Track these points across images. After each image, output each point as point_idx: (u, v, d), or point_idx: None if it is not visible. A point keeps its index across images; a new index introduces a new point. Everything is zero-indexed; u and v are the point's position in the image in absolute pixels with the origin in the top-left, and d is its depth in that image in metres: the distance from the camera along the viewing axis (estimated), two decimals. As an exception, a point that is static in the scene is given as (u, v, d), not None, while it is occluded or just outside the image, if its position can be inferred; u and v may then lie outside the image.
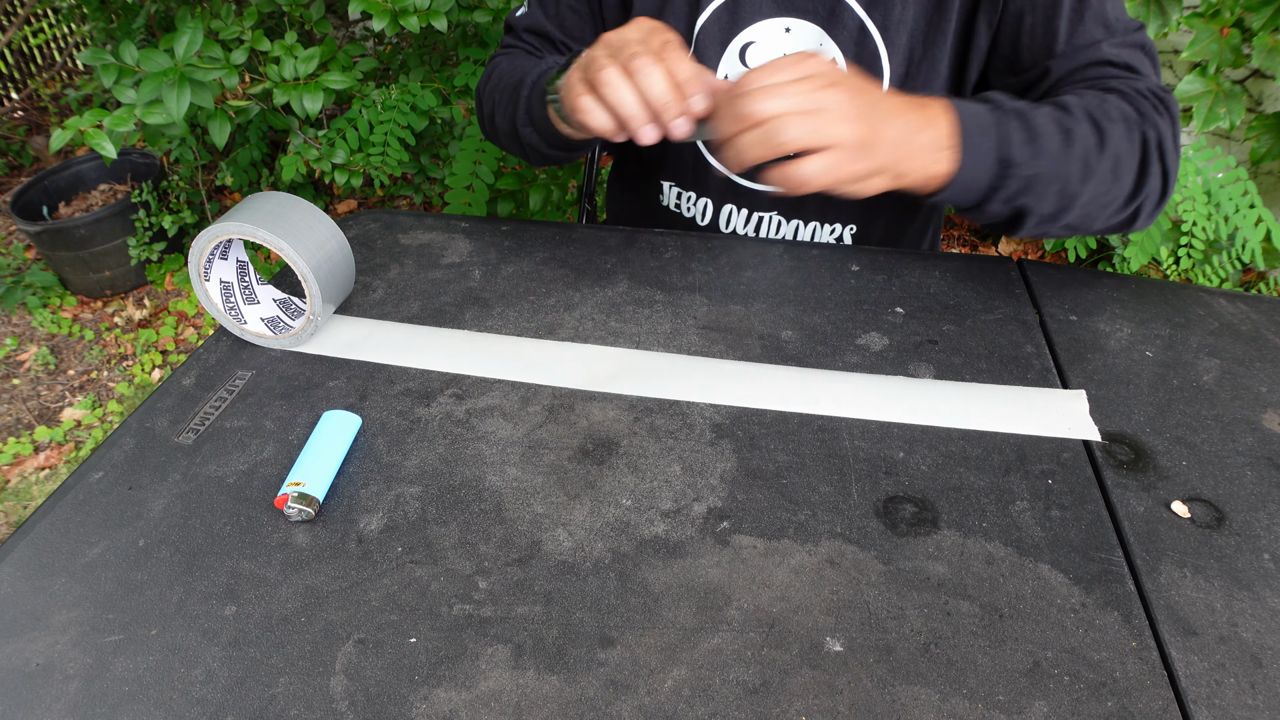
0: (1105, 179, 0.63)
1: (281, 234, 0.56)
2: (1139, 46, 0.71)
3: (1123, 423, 0.55)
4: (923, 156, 0.59)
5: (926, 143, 0.59)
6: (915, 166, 0.59)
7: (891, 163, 0.58)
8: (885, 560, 0.45)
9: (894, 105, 0.58)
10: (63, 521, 0.48)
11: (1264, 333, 0.65)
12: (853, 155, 0.55)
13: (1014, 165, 0.60)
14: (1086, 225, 0.66)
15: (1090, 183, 0.63)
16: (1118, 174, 0.63)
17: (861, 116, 0.56)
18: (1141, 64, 0.71)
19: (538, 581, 0.44)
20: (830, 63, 0.58)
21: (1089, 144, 0.62)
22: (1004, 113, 0.61)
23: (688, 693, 0.39)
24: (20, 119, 3.32)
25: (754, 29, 0.78)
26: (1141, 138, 0.64)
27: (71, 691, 0.39)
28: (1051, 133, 0.61)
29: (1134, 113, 0.65)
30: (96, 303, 2.47)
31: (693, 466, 0.51)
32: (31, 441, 1.99)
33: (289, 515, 0.48)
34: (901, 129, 0.58)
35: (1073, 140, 0.61)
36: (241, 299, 0.62)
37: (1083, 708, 0.38)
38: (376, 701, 0.39)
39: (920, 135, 0.59)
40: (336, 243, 0.61)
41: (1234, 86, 1.48)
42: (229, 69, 1.46)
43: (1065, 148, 0.61)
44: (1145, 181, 0.64)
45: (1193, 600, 0.44)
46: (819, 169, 0.55)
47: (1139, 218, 0.68)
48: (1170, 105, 0.67)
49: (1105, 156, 0.62)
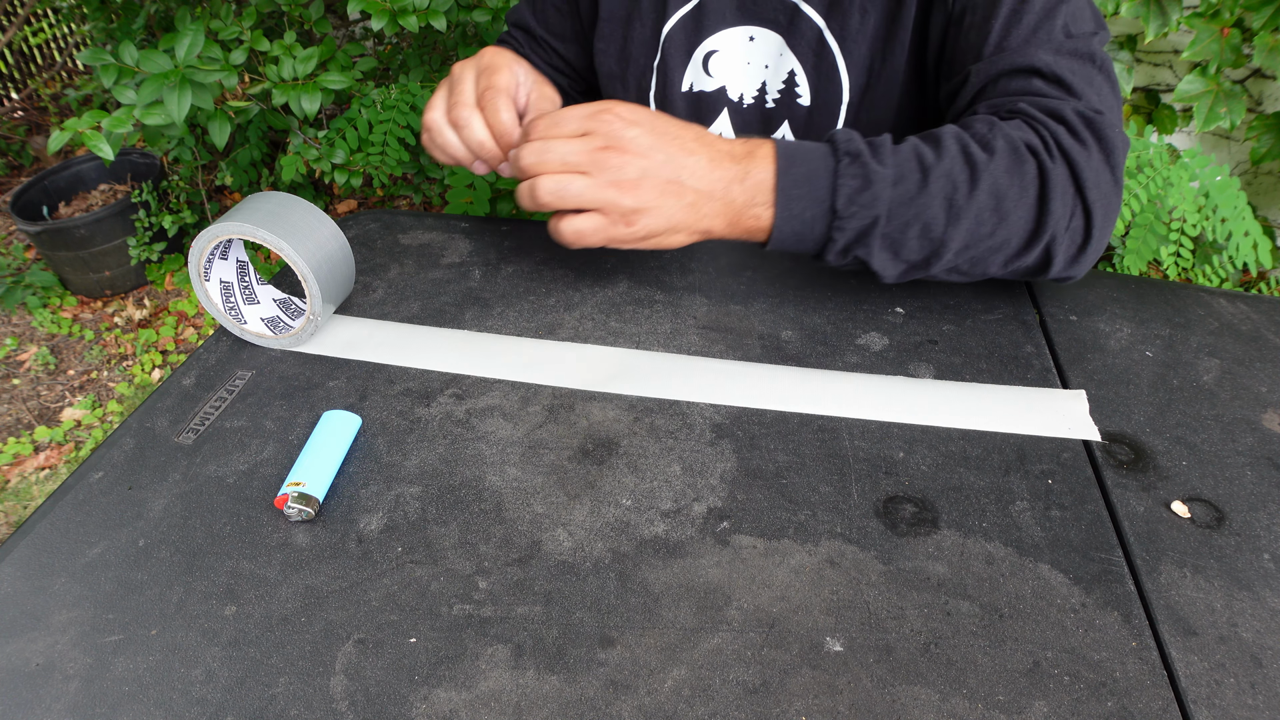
0: (984, 219, 0.56)
1: (282, 234, 0.56)
2: (1085, 57, 0.62)
3: (1123, 423, 0.55)
4: (733, 212, 0.57)
5: (739, 197, 0.56)
6: (724, 223, 0.57)
7: (690, 221, 0.56)
8: (885, 560, 0.45)
9: (705, 158, 0.56)
10: (63, 521, 0.48)
11: (1264, 333, 0.65)
12: (622, 218, 0.55)
13: (841, 217, 0.55)
14: (978, 269, 0.59)
15: (961, 225, 0.56)
16: (1001, 213, 0.56)
17: (641, 180, 0.55)
18: (1079, 77, 0.62)
19: (538, 581, 0.44)
20: (632, 114, 0.57)
21: (956, 181, 0.56)
22: (840, 157, 0.56)
23: (688, 693, 0.39)
24: (20, 119, 3.32)
25: (717, 38, 0.79)
26: (1039, 171, 0.57)
27: (71, 691, 0.39)
28: (905, 174, 0.56)
29: (1036, 140, 0.58)
30: (96, 303, 2.47)
31: (693, 466, 0.51)
32: (31, 441, 1.99)
33: (289, 515, 0.48)
34: (709, 183, 0.56)
35: (930, 179, 0.55)
36: (241, 299, 0.62)
37: (1083, 708, 0.38)
38: (376, 701, 0.39)
39: (732, 189, 0.56)
40: (337, 243, 0.61)
41: (1234, 86, 1.48)
42: (229, 69, 1.46)
43: (921, 188, 0.55)
44: (1046, 220, 0.57)
45: (1193, 600, 0.44)
46: (581, 230, 0.56)
47: (1053, 262, 0.59)
48: (1102, 130, 0.59)
49: (978, 194, 0.56)
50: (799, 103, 0.79)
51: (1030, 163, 0.57)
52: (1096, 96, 0.61)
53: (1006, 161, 0.56)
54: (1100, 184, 0.58)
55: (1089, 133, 0.59)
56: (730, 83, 0.80)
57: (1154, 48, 1.94)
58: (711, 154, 0.56)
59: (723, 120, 0.83)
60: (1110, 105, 0.62)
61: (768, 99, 0.80)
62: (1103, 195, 0.58)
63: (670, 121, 0.58)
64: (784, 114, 0.81)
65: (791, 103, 0.80)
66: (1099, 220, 0.58)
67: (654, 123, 0.57)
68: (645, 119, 0.57)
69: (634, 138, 0.55)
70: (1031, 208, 0.57)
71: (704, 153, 0.56)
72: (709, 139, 0.58)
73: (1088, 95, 0.61)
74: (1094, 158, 0.58)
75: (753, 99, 0.80)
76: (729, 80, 0.80)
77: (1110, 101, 0.62)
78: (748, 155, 0.57)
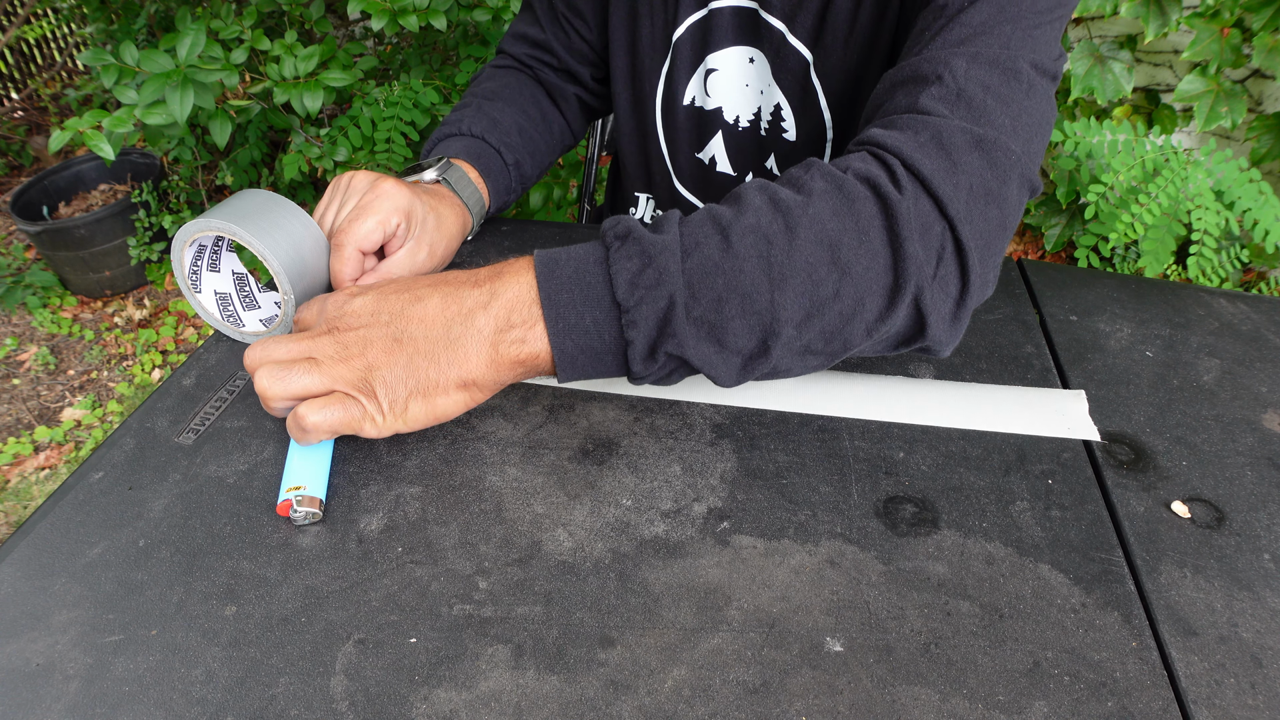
0: (820, 276, 0.45)
1: (247, 226, 0.54)
2: (1009, 72, 0.51)
3: (1123, 423, 0.55)
4: (486, 346, 0.47)
5: (486, 326, 0.47)
6: (484, 362, 0.47)
7: (436, 374, 0.47)
8: (885, 560, 0.45)
9: (438, 298, 0.48)
10: (63, 521, 0.48)
11: (1264, 333, 0.65)
12: (359, 392, 0.48)
13: (627, 309, 0.45)
14: (836, 344, 0.47)
15: (789, 288, 0.45)
16: (841, 265, 0.45)
17: (365, 347, 0.47)
18: (991, 94, 0.50)
19: (538, 581, 0.44)
20: (359, 289, 0.51)
21: (769, 234, 0.45)
22: (609, 244, 0.47)
23: (688, 693, 0.39)
24: (20, 119, 3.32)
25: (721, 55, 0.78)
26: (881, 207, 0.46)
27: (71, 691, 0.39)
28: (698, 241, 0.46)
29: (878, 171, 0.48)
30: (96, 303, 2.47)
31: (693, 466, 0.51)
32: (31, 441, 1.99)
33: (295, 521, 0.47)
34: (442, 324, 0.47)
35: (732, 239, 0.45)
36: (241, 306, 0.62)
37: (1083, 708, 0.38)
38: (377, 701, 0.39)
39: (475, 319, 0.47)
40: (311, 237, 0.58)
41: (1235, 86, 1.48)
42: (229, 69, 1.46)
43: (724, 252, 0.45)
44: (904, 266, 0.45)
45: (1193, 600, 0.44)
46: (319, 421, 0.47)
47: (927, 322, 0.47)
48: (992, 153, 0.48)
49: (801, 245, 0.45)
50: (785, 136, 0.79)
51: (866, 199, 0.46)
52: (1008, 118, 0.50)
53: (831, 202, 0.46)
54: (975, 216, 0.47)
55: (974, 155, 0.48)
56: (727, 104, 0.80)
57: (1154, 48, 1.94)
58: (446, 291, 0.48)
59: (716, 142, 0.83)
60: (1025, 128, 0.51)
61: (761, 125, 0.79)
62: (978, 231, 0.47)
63: (411, 280, 0.51)
64: (772, 145, 0.80)
65: (778, 136, 0.79)
66: (976, 263, 0.47)
67: (385, 287, 0.50)
68: (373, 288, 0.50)
69: (356, 309, 0.49)
70: (880, 254, 0.46)
71: (437, 294, 0.48)
72: (449, 277, 0.50)
73: (994, 114, 0.50)
74: (968, 184, 0.47)
75: (748, 123, 0.80)
76: (726, 101, 0.79)
77: (1028, 125, 0.51)
78: (494, 276, 0.48)
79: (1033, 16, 0.54)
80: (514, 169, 0.79)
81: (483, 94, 0.82)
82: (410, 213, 0.62)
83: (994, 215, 0.48)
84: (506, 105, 0.81)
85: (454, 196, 0.70)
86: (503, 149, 0.77)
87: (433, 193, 0.67)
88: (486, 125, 0.77)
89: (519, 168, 0.79)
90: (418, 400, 0.48)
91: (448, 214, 0.67)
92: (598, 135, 1.20)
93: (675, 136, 0.85)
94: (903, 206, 0.46)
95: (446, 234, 0.66)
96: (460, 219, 0.69)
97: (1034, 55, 0.53)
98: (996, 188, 0.48)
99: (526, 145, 0.81)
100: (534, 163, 0.83)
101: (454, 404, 0.49)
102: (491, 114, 0.79)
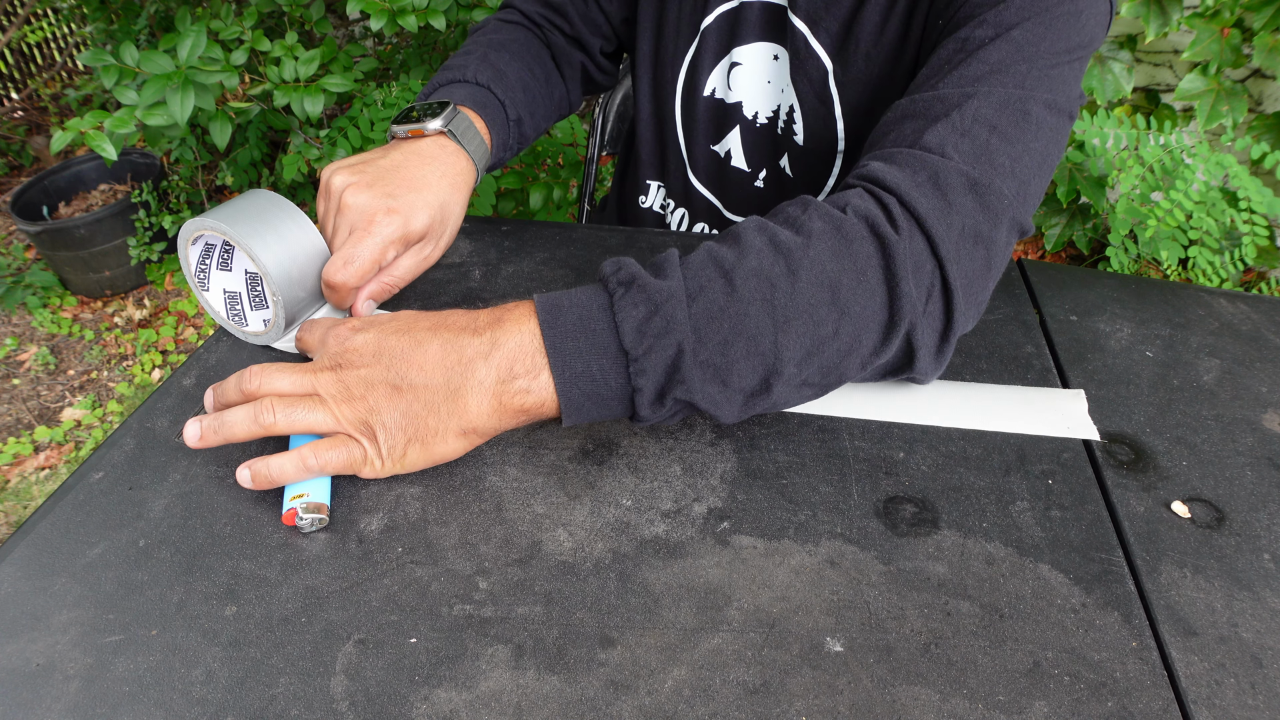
0: (821, 317, 0.46)
1: (243, 230, 0.55)
2: (1018, 111, 0.52)
3: (1123, 423, 0.55)
4: (489, 395, 0.46)
5: (487, 376, 0.46)
6: (489, 410, 0.47)
7: (438, 422, 0.47)
8: (885, 560, 0.45)
9: (438, 344, 0.47)
10: (63, 521, 0.48)
11: (1264, 333, 0.65)
12: (360, 434, 0.48)
13: (635, 357, 0.45)
14: (831, 378, 0.49)
15: (793, 329, 0.46)
16: (841, 305, 0.46)
17: (368, 390, 0.47)
18: (998, 134, 0.51)
19: (538, 581, 0.44)
20: (363, 321, 0.50)
21: (771, 277, 0.46)
22: (612, 289, 0.46)
23: (688, 693, 0.39)
24: (20, 119, 3.32)
25: (746, 49, 0.77)
26: (878, 246, 0.47)
27: (71, 692, 0.39)
28: (703, 285, 0.46)
29: (875, 210, 0.48)
30: (96, 303, 2.47)
31: (693, 466, 0.51)
32: (31, 441, 1.99)
33: (302, 528, 0.47)
34: (443, 372, 0.47)
35: (736, 283, 0.46)
36: (250, 306, 0.62)
37: (1083, 708, 0.38)
38: (377, 702, 0.39)
39: (476, 369, 0.46)
40: (308, 241, 0.58)
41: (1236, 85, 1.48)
42: (230, 70, 1.46)
43: (729, 296, 0.45)
44: (900, 305, 0.47)
45: (1193, 600, 0.44)
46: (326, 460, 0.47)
47: (916, 355, 0.50)
48: (986, 197, 0.50)
49: (803, 288, 0.46)
50: (795, 140, 0.78)
51: (864, 240, 0.47)
52: (1008, 159, 0.51)
53: (831, 243, 0.47)
54: (963, 257, 0.49)
55: (968, 197, 0.49)
56: (748, 99, 0.79)
57: (1154, 48, 1.94)
58: (447, 337, 0.47)
59: (734, 136, 0.82)
60: (1024, 169, 0.52)
61: (779, 123, 0.79)
62: (964, 271, 0.49)
63: (412, 319, 0.49)
64: (786, 145, 0.80)
65: (790, 137, 0.78)
66: (960, 301, 0.49)
67: (387, 325, 0.49)
68: (375, 325, 0.49)
69: (358, 347, 0.48)
70: (876, 293, 0.47)
71: (436, 340, 0.47)
72: (450, 321, 0.49)
73: (995, 155, 0.51)
74: (960, 225, 0.49)
75: (766, 120, 0.79)
76: (747, 96, 0.79)
77: (1027, 167, 0.52)
78: (495, 323, 0.47)
79: (1051, 57, 0.54)
80: (515, 125, 0.76)
81: (489, 44, 0.79)
82: (428, 230, 0.64)
83: (980, 256, 0.50)
84: (513, 59, 0.78)
85: (459, 149, 0.68)
86: (507, 103, 0.75)
87: (435, 159, 0.66)
88: (492, 75, 0.75)
89: (520, 125, 0.77)
90: (416, 447, 0.48)
91: (451, 199, 0.66)
92: (598, 135, 1.19)
93: (693, 126, 0.84)
94: (899, 247, 0.47)
95: (449, 218, 0.67)
96: (465, 179, 0.68)
97: (1049, 95, 0.54)
98: (987, 230, 0.50)
99: (529, 103, 0.79)
100: (533, 124, 0.81)
101: (452, 449, 0.49)
102: (497, 64, 0.76)
